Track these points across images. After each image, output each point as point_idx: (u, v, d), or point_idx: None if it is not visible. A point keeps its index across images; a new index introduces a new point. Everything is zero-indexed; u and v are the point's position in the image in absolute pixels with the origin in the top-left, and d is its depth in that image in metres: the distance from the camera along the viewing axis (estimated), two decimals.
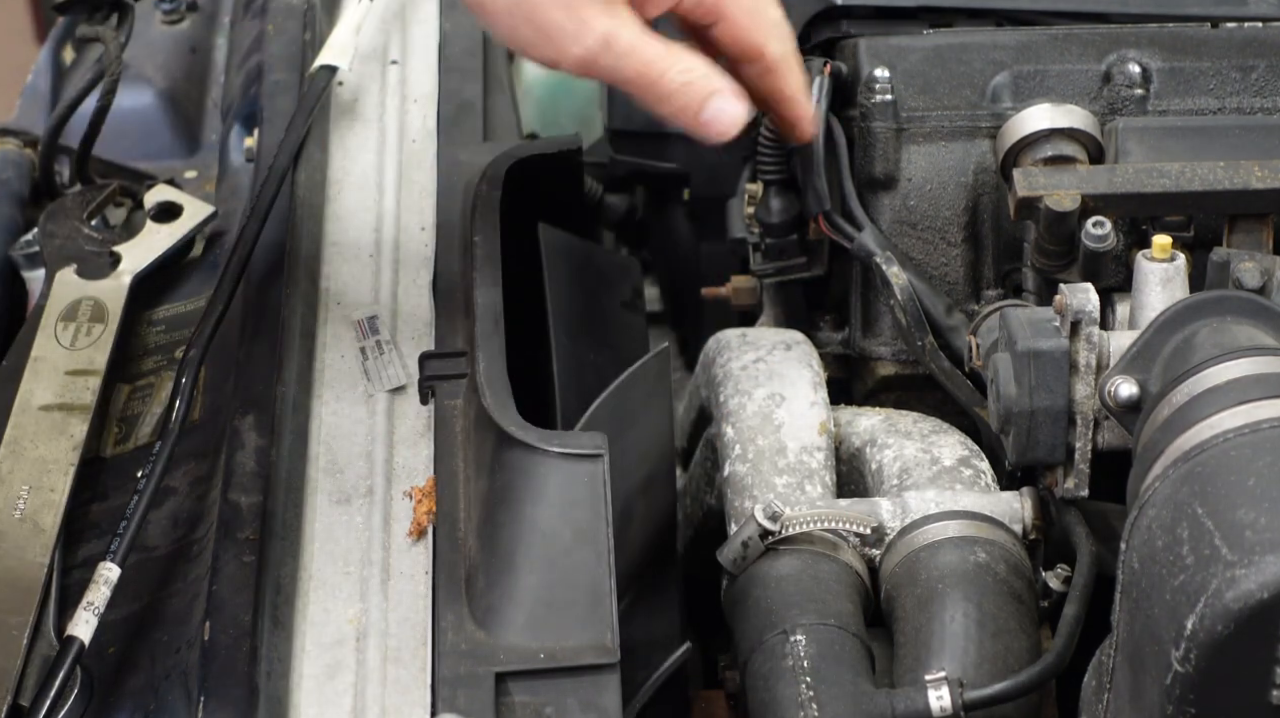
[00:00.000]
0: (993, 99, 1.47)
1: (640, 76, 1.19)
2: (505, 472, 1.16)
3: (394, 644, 1.14)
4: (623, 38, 1.17)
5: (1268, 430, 1.02)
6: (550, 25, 1.16)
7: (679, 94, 1.19)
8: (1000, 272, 1.46)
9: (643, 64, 1.18)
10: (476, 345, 1.26)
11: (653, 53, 1.18)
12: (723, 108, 1.21)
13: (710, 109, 1.20)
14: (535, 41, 1.17)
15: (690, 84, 1.20)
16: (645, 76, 1.19)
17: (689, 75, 1.20)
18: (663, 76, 1.19)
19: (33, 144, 1.60)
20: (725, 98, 1.21)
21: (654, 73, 1.19)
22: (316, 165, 1.46)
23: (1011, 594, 1.23)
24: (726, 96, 1.21)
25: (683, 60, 1.20)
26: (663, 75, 1.19)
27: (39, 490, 1.24)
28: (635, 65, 1.18)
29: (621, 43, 1.17)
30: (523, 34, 1.17)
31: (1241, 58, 1.46)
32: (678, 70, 1.19)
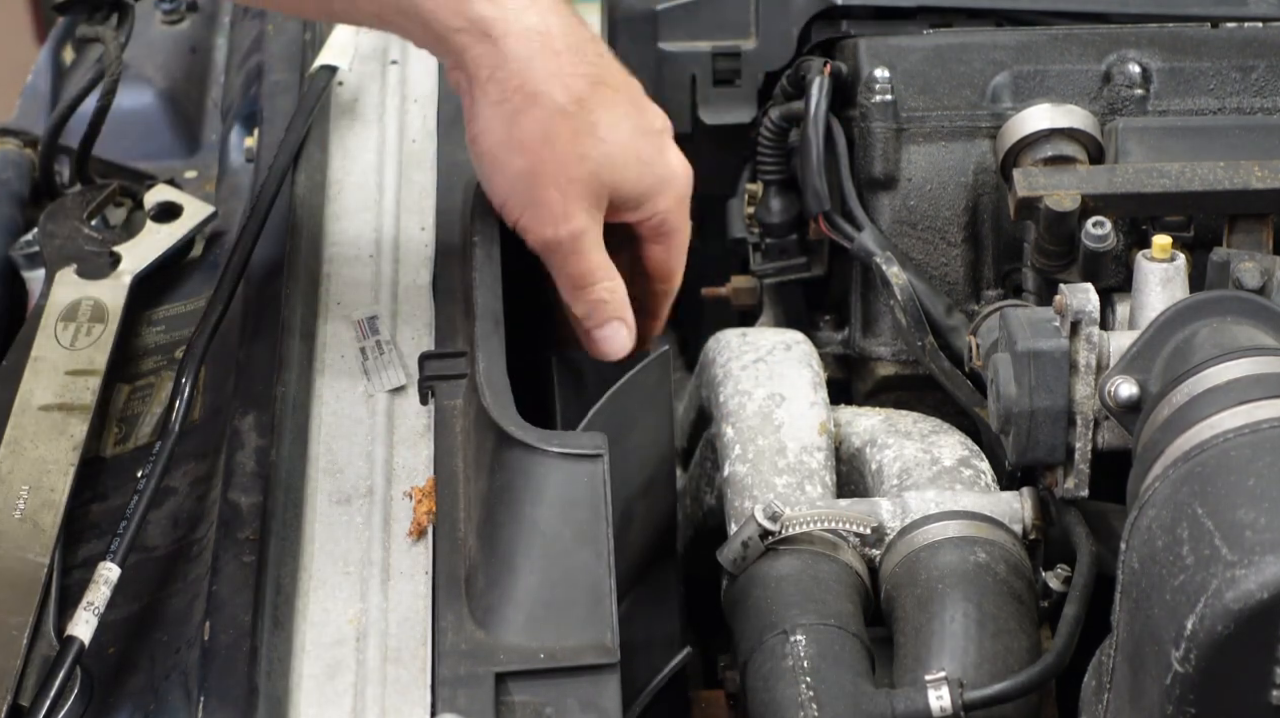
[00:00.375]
0: (993, 99, 1.47)
1: (578, 277, 1.31)
2: (505, 472, 1.16)
3: (394, 644, 1.14)
4: (587, 241, 1.30)
5: (1267, 431, 1.02)
6: (544, 201, 1.27)
7: (593, 305, 1.32)
8: (1000, 272, 1.46)
9: (586, 269, 1.31)
10: (476, 345, 1.25)
11: (597, 262, 1.31)
12: (615, 334, 1.34)
13: (607, 329, 1.33)
14: (522, 207, 1.28)
15: (605, 303, 1.32)
16: (580, 279, 1.31)
17: (610, 295, 1.32)
18: (592, 286, 1.32)
19: (33, 144, 1.60)
20: (621, 328, 1.34)
21: (589, 280, 1.31)
22: (316, 165, 1.46)
23: (1011, 594, 1.23)
24: (622, 328, 1.34)
25: (612, 280, 1.33)
26: (593, 285, 1.32)
27: (39, 490, 1.24)
28: (581, 267, 1.31)
29: (585, 244, 1.30)
30: (517, 196, 1.28)
31: (1241, 58, 1.46)
32: (604, 286, 1.32)
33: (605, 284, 1.32)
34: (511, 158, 1.26)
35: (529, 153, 1.26)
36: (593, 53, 1.29)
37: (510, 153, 1.26)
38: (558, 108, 1.25)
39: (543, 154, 1.26)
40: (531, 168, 1.26)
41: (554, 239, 1.29)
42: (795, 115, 1.50)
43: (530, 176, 1.26)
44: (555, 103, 1.25)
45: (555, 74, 1.25)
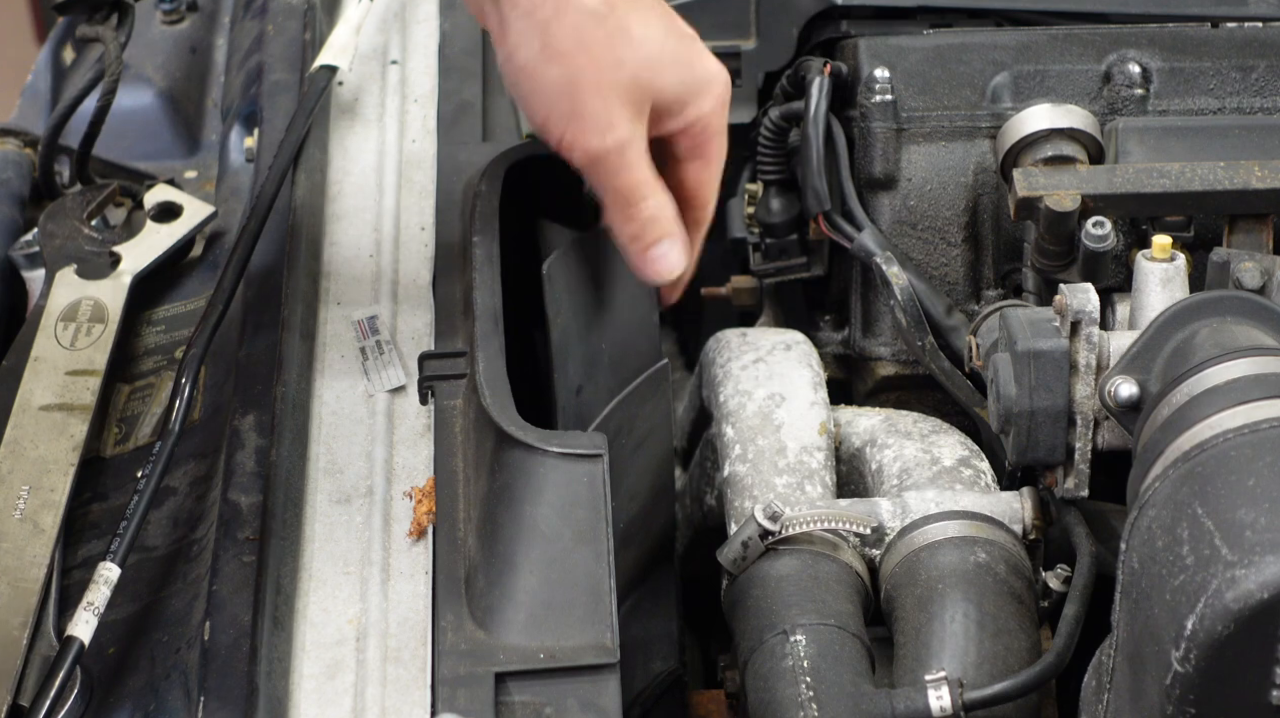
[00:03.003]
0: (993, 99, 1.47)
1: (625, 191, 1.25)
2: (505, 472, 1.16)
3: (394, 644, 1.14)
4: (633, 151, 1.24)
5: (1267, 430, 1.02)
6: (586, 110, 1.22)
7: (643, 223, 1.26)
8: (1000, 272, 1.46)
9: (635, 182, 1.25)
10: (476, 345, 1.25)
11: (645, 176, 1.25)
12: (668, 253, 1.28)
13: (660, 247, 1.27)
14: (564, 120, 1.22)
15: (656, 219, 1.26)
16: (629, 194, 1.25)
17: (660, 211, 1.26)
18: (641, 201, 1.26)
19: (33, 144, 1.60)
20: (675, 245, 1.27)
21: (638, 194, 1.25)
22: (316, 165, 1.46)
23: (1011, 594, 1.23)
24: (676, 245, 1.27)
25: (660, 195, 1.26)
26: (642, 200, 1.26)
27: (39, 491, 1.24)
28: (628, 180, 1.25)
29: (631, 155, 1.24)
30: (558, 111, 1.22)
31: (1241, 58, 1.46)
32: (653, 202, 1.26)
33: (654, 199, 1.26)
34: (548, 69, 1.22)
35: (565, 60, 1.21)
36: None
37: (546, 64, 1.22)
38: (589, 12, 1.21)
39: (579, 61, 1.21)
40: (569, 77, 1.22)
41: (600, 150, 1.23)
42: (795, 115, 1.50)
43: (569, 86, 1.22)
44: (586, 7, 1.21)
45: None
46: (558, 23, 1.21)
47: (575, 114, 1.22)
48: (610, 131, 1.23)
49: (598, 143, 1.23)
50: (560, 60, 1.21)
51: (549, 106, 1.23)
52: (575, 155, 1.25)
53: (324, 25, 1.60)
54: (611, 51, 1.22)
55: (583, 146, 1.23)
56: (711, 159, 1.31)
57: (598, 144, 1.23)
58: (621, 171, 1.24)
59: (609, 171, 1.25)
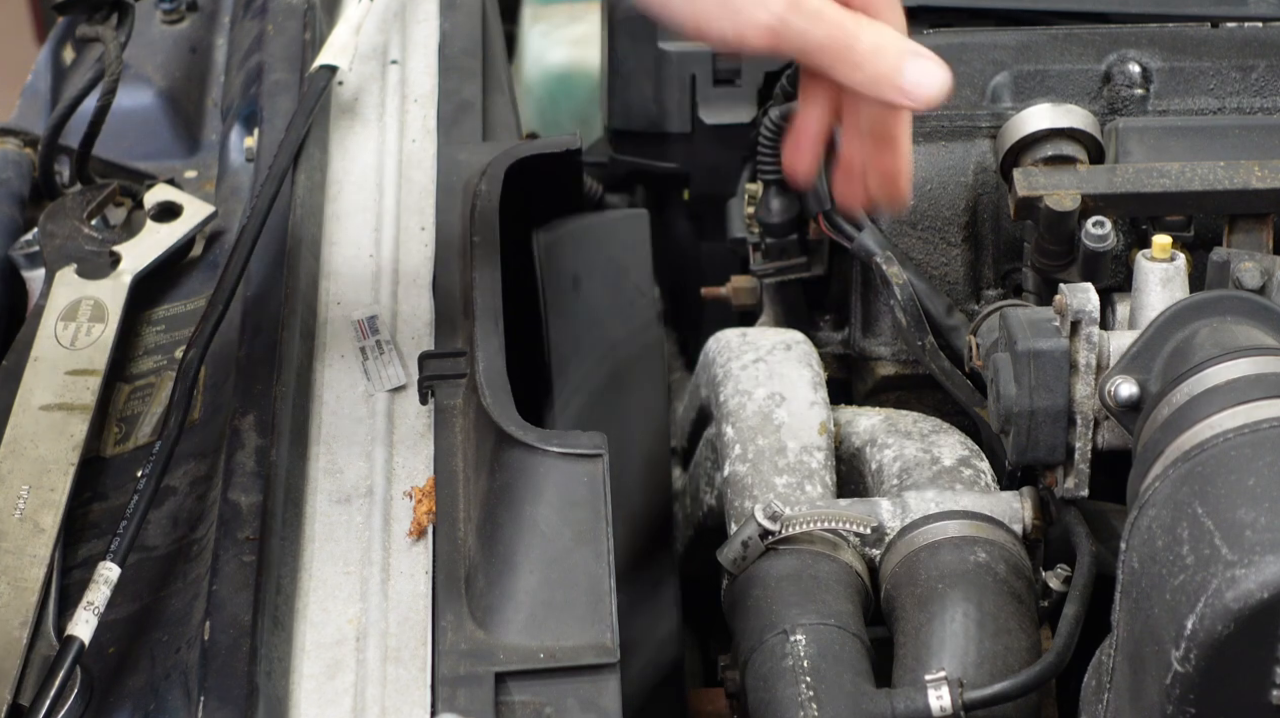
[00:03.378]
0: (993, 99, 1.47)
1: (831, 41, 1.11)
2: (505, 472, 1.16)
3: (394, 644, 1.14)
4: (809, 1, 1.10)
5: (1267, 430, 1.02)
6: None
7: (874, 59, 1.12)
8: (1000, 272, 1.46)
9: (833, 27, 1.11)
10: (476, 345, 1.26)
11: (841, 16, 1.12)
12: (923, 72, 1.12)
13: (911, 74, 1.12)
14: (717, 12, 1.10)
15: (884, 47, 1.12)
16: (837, 41, 1.11)
17: (880, 40, 1.12)
18: (855, 41, 1.12)
19: (33, 144, 1.60)
20: (923, 61, 1.12)
21: (846, 37, 1.12)
22: (316, 165, 1.46)
23: (1011, 594, 1.23)
24: (924, 60, 1.12)
25: (873, 25, 1.12)
26: (855, 40, 1.12)
27: (39, 490, 1.24)
28: (825, 29, 1.11)
29: (809, 5, 1.10)
30: (704, 6, 1.10)
31: (1242, 58, 1.46)
32: (870, 34, 1.12)
33: (868, 32, 1.12)
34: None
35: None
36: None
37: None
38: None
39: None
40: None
41: (772, 21, 1.10)
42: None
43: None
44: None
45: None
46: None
47: (723, 3, 1.10)
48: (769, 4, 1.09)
49: (764, 14, 1.10)
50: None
51: (696, 11, 1.11)
52: (753, 40, 1.11)
53: (324, 25, 1.60)
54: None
55: (753, 28, 1.10)
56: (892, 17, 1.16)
57: (765, 16, 1.10)
58: (811, 27, 1.11)
59: (797, 35, 1.11)
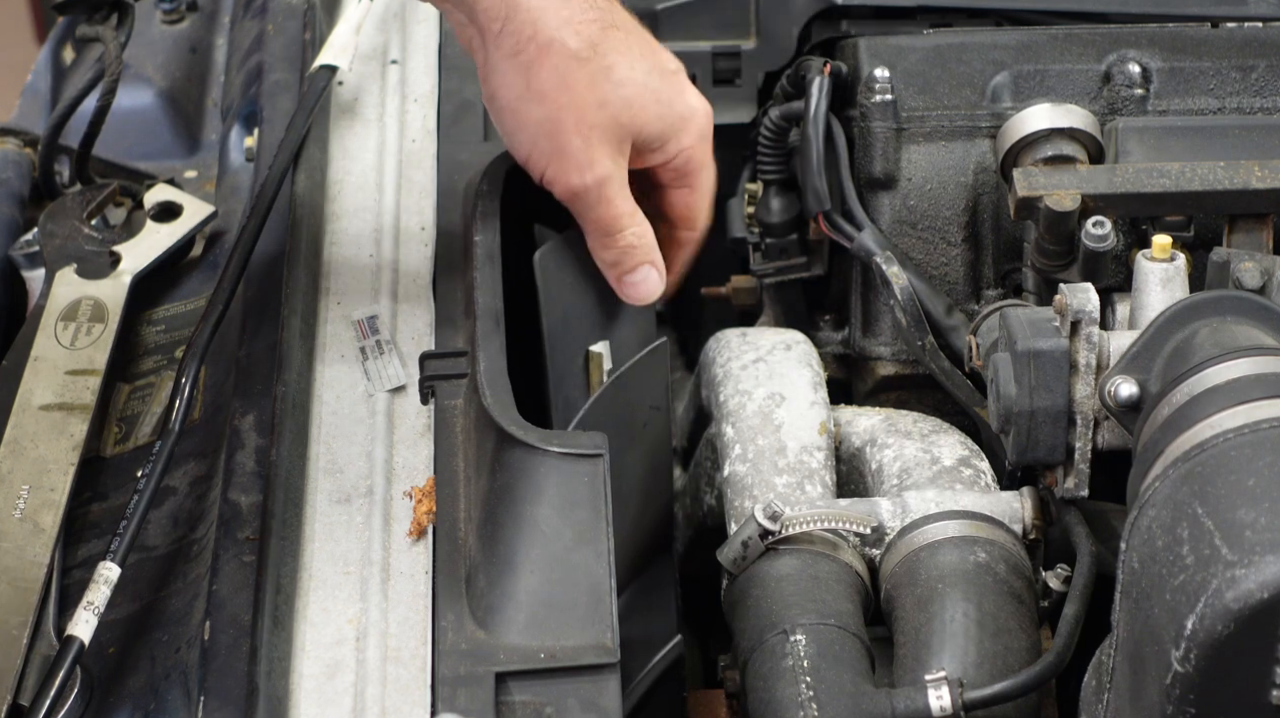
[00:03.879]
0: (993, 99, 1.47)
1: (604, 223, 1.32)
2: (505, 472, 1.16)
3: (394, 644, 1.14)
4: (612, 186, 1.30)
5: (1267, 430, 1.02)
6: (567, 149, 1.28)
7: (622, 251, 1.33)
8: (1000, 272, 1.46)
9: (613, 215, 1.31)
10: (476, 345, 1.26)
11: (623, 209, 1.32)
12: (646, 278, 1.34)
13: (638, 274, 1.34)
14: (546, 158, 1.29)
15: (634, 248, 1.33)
16: (608, 226, 1.32)
17: (638, 240, 1.33)
18: (621, 232, 1.32)
19: (33, 144, 1.60)
20: (651, 271, 1.34)
21: (616, 226, 1.32)
22: (316, 165, 1.46)
23: (1011, 594, 1.23)
24: (652, 271, 1.34)
25: (639, 225, 1.33)
26: (621, 231, 1.32)
27: (39, 490, 1.24)
28: (609, 213, 1.31)
29: (610, 190, 1.30)
30: (540, 147, 1.28)
31: (1241, 58, 1.46)
32: (631, 232, 1.32)
33: (632, 230, 1.32)
34: (530, 109, 1.27)
35: (548, 102, 1.26)
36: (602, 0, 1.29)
37: (529, 104, 1.27)
38: (571, 54, 1.26)
39: (561, 101, 1.26)
40: (551, 117, 1.27)
41: (580, 187, 1.29)
42: (795, 115, 1.50)
43: (551, 125, 1.27)
44: (569, 49, 1.26)
45: (567, 21, 1.26)
46: (541, 65, 1.26)
47: (557, 152, 1.28)
48: (590, 170, 1.28)
49: (578, 180, 1.29)
50: (542, 101, 1.27)
51: (531, 144, 1.29)
52: (557, 189, 1.31)
53: (324, 25, 1.60)
54: (593, 92, 1.27)
55: (564, 183, 1.29)
56: (696, 187, 1.37)
57: (578, 181, 1.29)
58: (600, 205, 1.31)
59: (589, 205, 1.31)
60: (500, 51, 1.26)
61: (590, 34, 1.27)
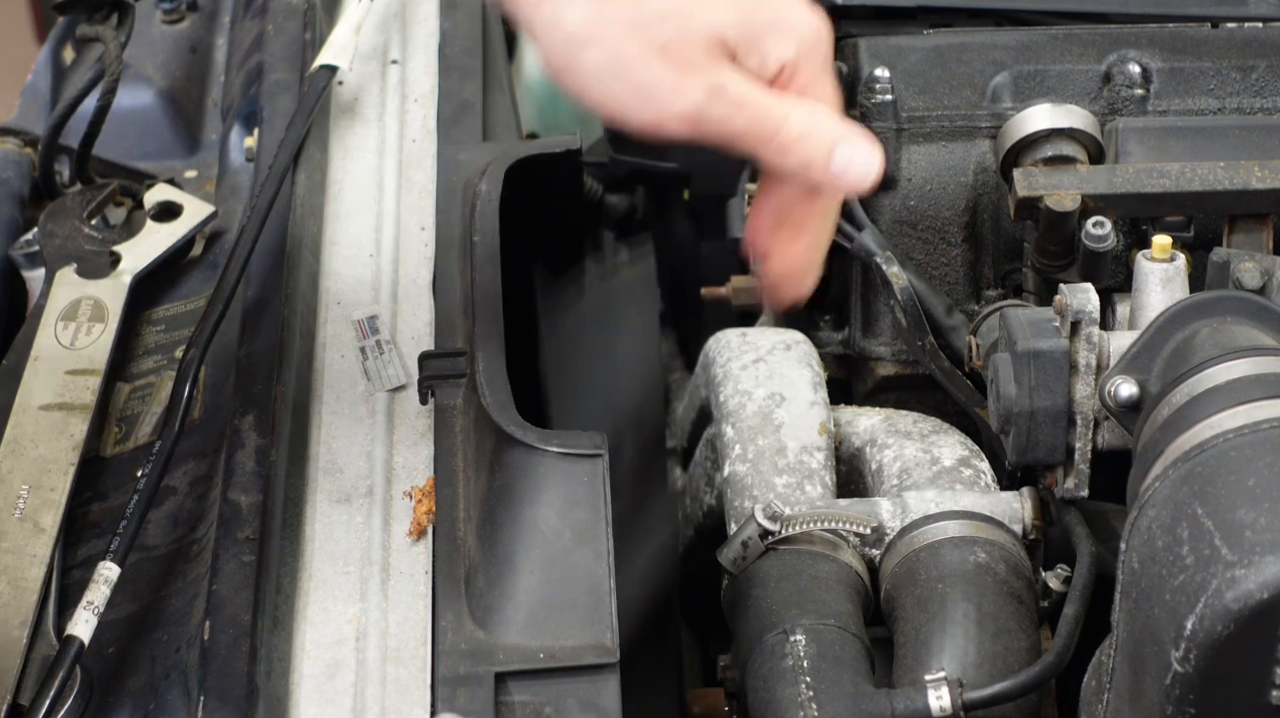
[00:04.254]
0: (993, 99, 1.47)
1: (755, 127, 1.08)
2: (505, 472, 1.16)
3: (394, 644, 1.14)
4: (731, 88, 1.06)
5: (1267, 431, 1.02)
6: (649, 81, 1.06)
7: (801, 145, 1.08)
8: (1000, 272, 1.46)
9: (757, 114, 1.07)
10: (476, 345, 1.26)
11: (767, 101, 1.07)
12: (853, 156, 1.10)
13: (840, 158, 1.09)
14: (633, 102, 1.07)
15: (811, 133, 1.08)
16: (762, 127, 1.08)
17: (809, 123, 1.08)
18: (782, 125, 1.08)
19: (33, 144, 1.60)
20: (853, 144, 1.10)
21: (771, 123, 1.08)
22: (316, 165, 1.46)
23: (1011, 594, 1.23)
24: (854, 143, 1.10)
25: (800, 107, 1.08)
26: (782, 123, 1.08)
27: (39, 490, 1.24)
28: (749, 116, 1.07)
29: (731, 92, 1.06)
30: (617, 94, 1.07)
31: (1242, 58, 1.46)
32: (796, 118, 1.08)
33: (795, 112, 1.08)
34: (583, 57, 1.06)
35: (596, 42, 1.06)
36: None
37: (579, 54, 1.06)
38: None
39: (609, 35, 1.05)
40: (610, 54, 1.06)
41: (691, 108, 1.06)
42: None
43: (616, 63, 1.06)
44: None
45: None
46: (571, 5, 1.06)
47: (639, 90, 1.06)
48: (688, 85, 1.06)
49: (682, 103, 1.06)
50: (590, 44, 1.06)
51: (609, 95, 1.07)
52: (671, 128, 1.08)
53: (324, 25, 1.60)
54: (642, 9, 1.06)
55: (671, 116, 1.07)
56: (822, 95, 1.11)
57: (683, 105, 1.06)
58: (733, 114, 1.07)
59: (718, 122, 1.07)
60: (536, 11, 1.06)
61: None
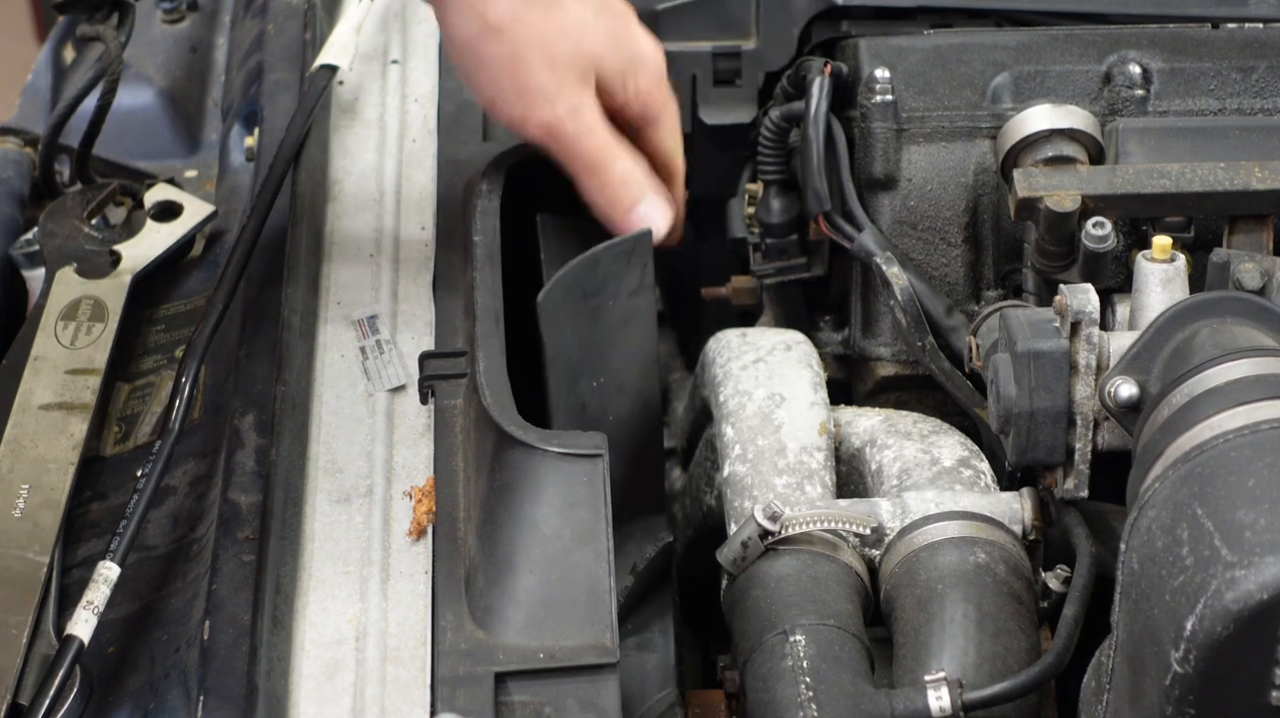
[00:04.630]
0: (993, 99, 1.47)
1: (591, 157, 1.25)
2: (505, 472, 1.16)
3: (393, 644, 1.14)
4: (588, 115, 1.25)
5: (1267, 431, 1.02)
6: (532, 84, 1.24)
7: (616, 187, 1.26)
8: (1000, 272, 1.46)
9: (596, 147, 1.25)
10: (476, 345, 1.25)
11: (607, 139, 1.25)
12: (651, 209, 1.28)
13: (641, 208, 1.27)
14: (512, 98, 1.24)
15: (630, 178, 1.26)
16: (595, 159, 1.25)
17: (628, 174, 1.26)
18: (610, 164, 1.26)
19: (33, 143, 1.60)
20: (656, 201, 1.28)
21: (603, 159, 1.26)
22: (316, 165, 1.46)
23: (1011, 595, 1.23)
24: (657, 201, 1.28)
25: (626, 158, 1.26)
26: (610, 163, 1.26)
27: (39, 489, 1.24)
28: (590, 145, 1.25)
29: (585, 118, 1.25)
30: (503, 87, 1.24)
31: (1242, 59, 1.46)
32: (622, 165, 1.26)
33: (622, 161, 1.27)
34: (489, 45, 1.25)
35: (506, 36, 1.24)
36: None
37: (487, 41, 1.24)
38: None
39: (519, 35, 1.24)
40: (513, 51, 1.24)
41: (554, 118, 1.25)
42: (796, 115, 1.50)
43: (513, 60, 1.25)
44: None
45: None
46: (495, 2, 1.23)
47: (522, 89, 1.24)
48: (560, 98, 1.24)
49: (548, 112, 1.24)
50: (500, 36, 1.23)
51: (494, 84, 1.25)
52: (530, 129, 1.26)
53: (324, 25, 1.60)
54: (550, 23, 1.24)
55: (536, 119, 1.25)
56: (664, 124, 1.32)
57: (549, 113, 1.24)
58: (581, 137, 1.25)
59: (568, 139, 1.26)
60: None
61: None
